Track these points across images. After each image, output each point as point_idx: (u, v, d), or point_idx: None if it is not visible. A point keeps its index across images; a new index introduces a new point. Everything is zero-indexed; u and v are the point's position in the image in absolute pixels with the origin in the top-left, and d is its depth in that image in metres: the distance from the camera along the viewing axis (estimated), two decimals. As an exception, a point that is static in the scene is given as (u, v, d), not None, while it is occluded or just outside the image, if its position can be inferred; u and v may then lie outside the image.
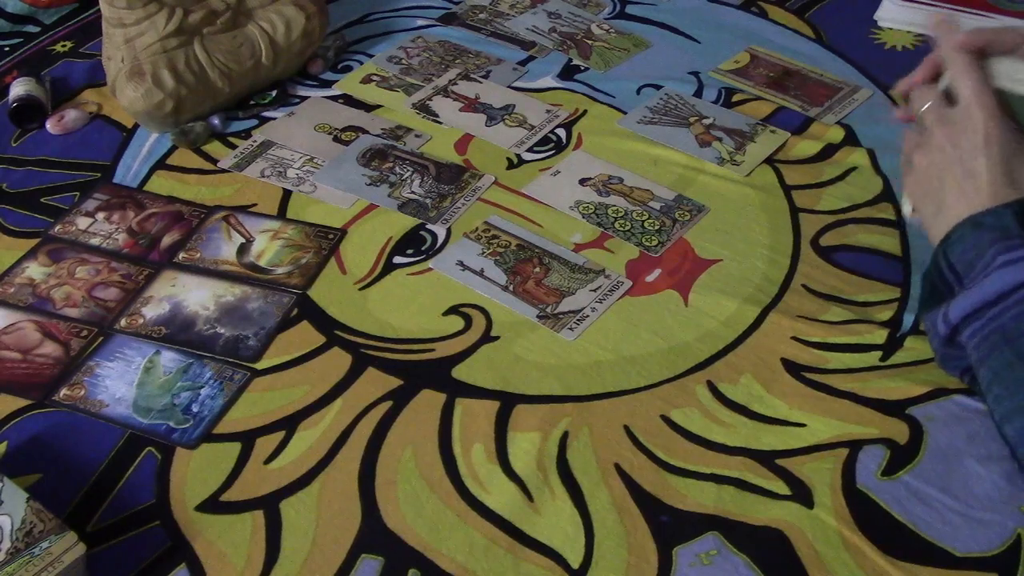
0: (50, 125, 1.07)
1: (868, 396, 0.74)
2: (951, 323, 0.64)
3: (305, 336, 0.82)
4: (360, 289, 0.86)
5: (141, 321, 0.84)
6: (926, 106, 0.70)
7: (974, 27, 0.69)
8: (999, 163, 0.65)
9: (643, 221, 0.91)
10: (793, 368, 0.76)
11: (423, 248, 0.90)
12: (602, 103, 1.07)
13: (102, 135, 1.07)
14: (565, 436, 0.72)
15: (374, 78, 1.13)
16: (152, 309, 0.85)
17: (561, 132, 1.03)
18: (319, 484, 0.70)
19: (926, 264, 0.70)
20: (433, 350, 0.80)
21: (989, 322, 0.62)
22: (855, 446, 0.70)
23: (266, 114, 1.08)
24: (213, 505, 0.69)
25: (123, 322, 0.84)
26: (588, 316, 0.82)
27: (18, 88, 1.09)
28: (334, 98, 1.11)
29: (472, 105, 1.08)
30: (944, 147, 0.68)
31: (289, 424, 0.75)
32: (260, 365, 0.80)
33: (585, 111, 1.06)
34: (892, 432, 0.71)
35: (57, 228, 0.94)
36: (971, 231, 0.65)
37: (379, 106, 1.09)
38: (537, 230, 0.91)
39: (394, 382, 0.78)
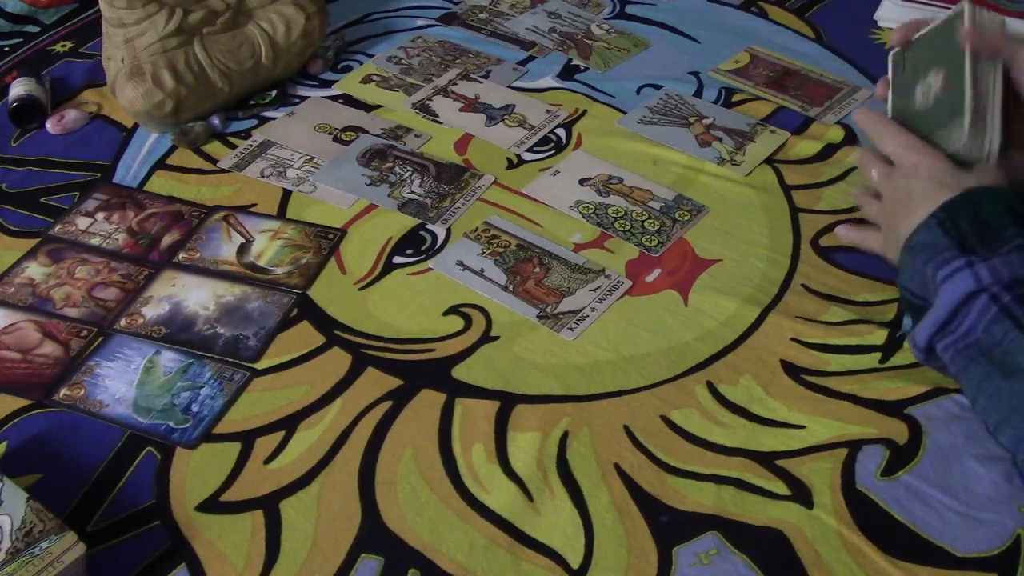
0: (50, 125, 1.07)
1: (867, 397, 0.74)
2: (920, 347, 0.65)
3: (305, 336, 0.82)
4: (360, 289, 0.86)
5: (141, 321, 0.84)
6: (874, 173, 0.74)
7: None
8: (947, 167, 0.68)
9: (643, 221, 0.91)
10: (793, 370, 0.76)
11: (423, 248, 0.90)
12: (602, 103, 1.07)
13: (102, 135, 1.07)
14: (565, 436, 0.72)
15: (374, 78, 1.13)
16: (152, 309, 0.85)
17: (561, 132, 1.03)
18: (319, 484, 0.70)
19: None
20: (433, 350, 0.80)
21: (962, 337, 0.61)
22: (854, 446, 0.70)
23: (266, 114, 1.08)
24: (213, 505, 0.69)
25: (123, 322, 0.84)
26: (588, 316, 0.82)
27: (18, 88, 1.09)
28: (334, 98, 1.11)
29: (472, 105, 1.08)
30: (897, 184, 0.71)
31: (289, 424, 0.75)
32: (260, 365, 0.80)
33: (585, 111, 1.06)
34: (891, 432, 0.71)
35: (57, 228, 0.94)
36: (908, 257, 0.65)
37: (379, 106, 1.09)
38: (537, 230, 0.91)
39: (394, 382, 0.78)
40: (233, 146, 1.04)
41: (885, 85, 0.77)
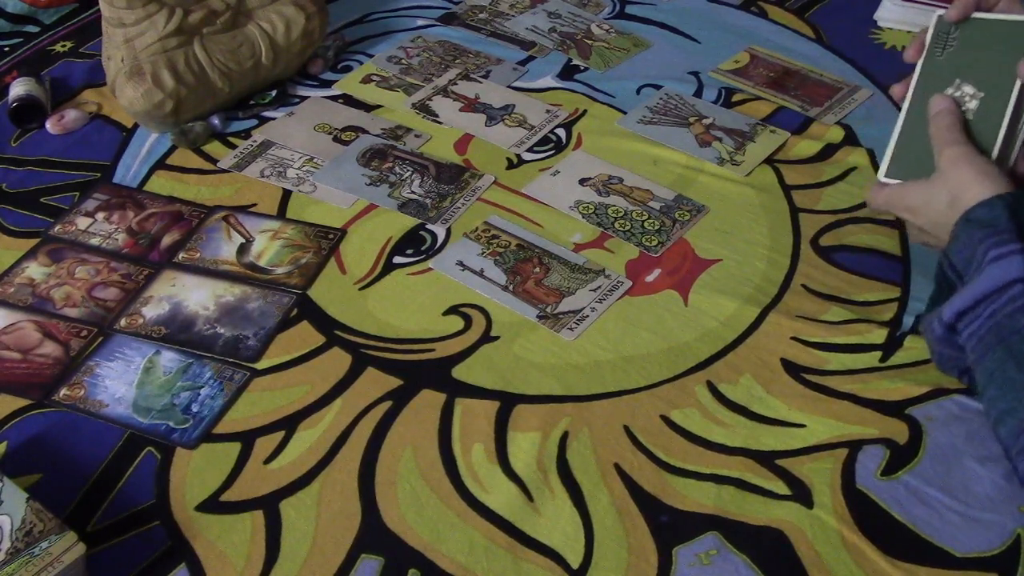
0: (50, 125, 1.07)
1: (868, 397, 0.74)
2: (945, 322, 0.64)
3: (305, 336, 0.82)
4: (360, 289, 0.86)
5: (141, 321, 0.84)
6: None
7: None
8: (974, 158, 0.69)
9: (643, 221, 0.91)
10: (793, 369, 0.76)
11: (423, 248, 0.90)
12: (602, 103, 1.07)
13: (102, 135, 1.07)
14: (565, 436, 0.72)
15: (374, 78, 1.13)
16: (152, 309, 0.85)
17: (561, 132, 1.03)
18: (319, 484, 0.70)
19: (926, 265, 0.70)
20: (433, 350, 0.80)
21: (986, 320, 0.61)
22: (855, 446, 0.70)
23: (266, 114, 1.08)
24: (213, 505, 0.69)
25: (123, 322, 0.84)
26: (588, 316, 0.82)
27: (18, 88, 1.09)
28: (334, 98, 1.11)
29: (472, 105, 1.08)
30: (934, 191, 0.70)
31: (289, 424, 0.75)
32: (260, 365, 0.80)
33: (585, 111, 1.06)
34: (891, 432, 0.71)
35: (57, 228, 0.94)
36: (964, 228, 0.65)
37: (379, 106, 1.09)
38: (537, 230, 0.91)
39: (394, 382, 0.78)
40: (233, 146, 1.04)
41: (918, 49, 0.76)
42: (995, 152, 0.71)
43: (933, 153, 0.72)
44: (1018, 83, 0.71)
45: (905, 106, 0.77)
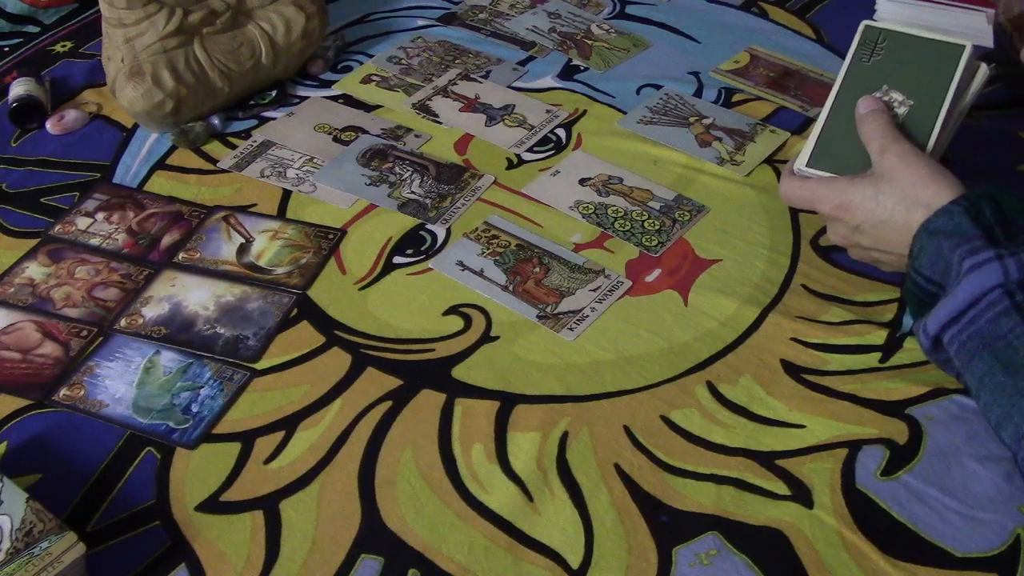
0: (50, 125, 1.07)
1: (867, 397, 0.74)
2: (930, 335, 0.64)
3: (305, 336, 0.82)
4: (360, 289, 0.86)
5: (141, 321, 0.84)
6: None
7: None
8: (921, 161, 0.69)
9: (643, 221, 0.91)
10: (792, 369, 0.76)
11: (423, 248, 0.90)
12: (602, 103, 1.07)
13: (102, 135, 1.07)
14: (565, 436, 0.72)
15: (374, 78, 1.13)
16: (152, 309, 0.85)
17: (561, 132, 1.03)
18: (319, 484, 0.70)
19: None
20: (433, 350, 0.80)
21: (966, 327, 0.61)
22: (854, 446, 0.70)
23: (266, 114, 1.08)
24: (213, 505, 0.69)
25: (123, 322, 0.84)
26: (588, 316, 0.82)
27: (18, 88, 1.09)
28: (334, 98, 1.11)
29: (472, 105, 1.08)
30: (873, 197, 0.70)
31: (289, 424, 0.75)
32: (260, 365, 0.80)
33: (585, 111, 1.06)
34: (891, 432, 0.71)
35: (57, 228, 0.94)
36: (928, 240, 0.65)
37: (379, 106, 1.09)
38: (537, 230, 0.91)
39: (394, 382, 0.78)
40: (233, 146, 1.04)
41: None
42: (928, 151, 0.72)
43: (862, 151, 0.73)
44: (950, 96, 0.72)
45: (828, 103, 0.78)
